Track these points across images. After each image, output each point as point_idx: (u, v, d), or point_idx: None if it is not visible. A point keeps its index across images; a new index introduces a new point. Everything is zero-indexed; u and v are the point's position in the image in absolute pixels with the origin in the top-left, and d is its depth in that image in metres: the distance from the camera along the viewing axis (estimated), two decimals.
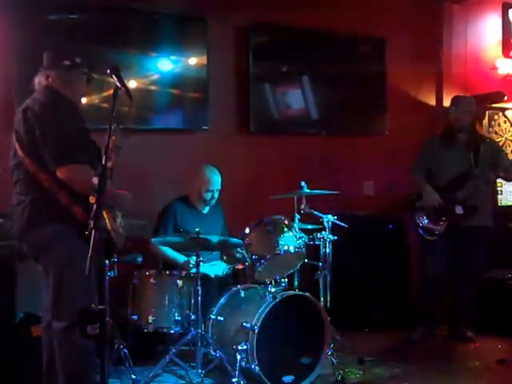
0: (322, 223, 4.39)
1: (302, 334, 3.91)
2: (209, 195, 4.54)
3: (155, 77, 4.94)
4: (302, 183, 4.35)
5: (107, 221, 3.14)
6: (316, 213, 4.39)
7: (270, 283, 4.17)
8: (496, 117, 6.09)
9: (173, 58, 5.01)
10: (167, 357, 3.79)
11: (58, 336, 3.11)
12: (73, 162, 3.02)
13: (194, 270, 3.97)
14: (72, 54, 3.30)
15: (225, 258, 4.62)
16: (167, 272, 4.13)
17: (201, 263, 3.95)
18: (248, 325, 3.75)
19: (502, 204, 5.92)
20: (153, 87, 4.93)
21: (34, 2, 4.50)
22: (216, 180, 4.54)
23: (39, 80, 3.29)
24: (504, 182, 5.69)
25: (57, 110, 3.11)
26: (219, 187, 4.57)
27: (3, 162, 3.34)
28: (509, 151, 6.14)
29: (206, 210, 4.66)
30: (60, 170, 3.03)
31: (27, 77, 4.38)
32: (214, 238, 4.04)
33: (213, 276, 4.37)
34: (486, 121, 5.91)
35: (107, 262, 3.66)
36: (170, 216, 4.49)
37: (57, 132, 3.05)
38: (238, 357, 3.71)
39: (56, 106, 3.13)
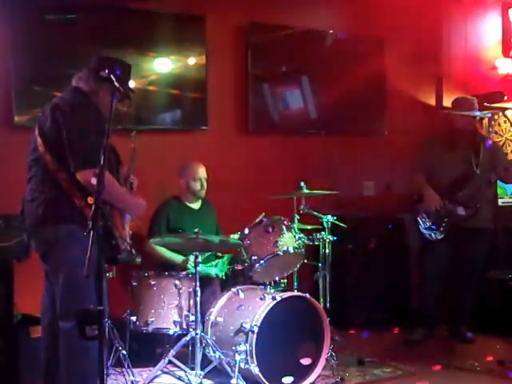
0: (321, 223, 4.38)
1: (302, 334, 3.90)
2: (197, 185, 4.55)
3: (154, 77, 4.93)
4: (302, 183, 4.34)
5: (116, 227, 3.14)
6: (315, 213, 4.38)
7: (270, 284, 4.16)
8: (496, 117, 6.08)
9: (172, 58, 5.00)
10: (166, 358, 3.78)
11: (65, 336, 3.10)
12: (93, 167, 2.99)
13: (192, 270, 3.96)
14: (115, 67, 3.15)
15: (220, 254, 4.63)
16: (166, 273, 4.11)
17: (200, 263, 3.94)
18: (247, 326, 3.74)
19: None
20: (151, 87, 4.92)
21: (32, 1, 4.49)
22: (200, 169, 4.56)
23: (74, 78, 3.29)
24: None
25: (84, 113, 3.13)
26: (205, 175, 4.57)
27: (1, 161, 3.33)
28: (509, 151, 6.13)
29: (198, 206, 4.66)
30: (81, 173, 3.03)
31: (26, 76, 4.45)
32: (214, 239, 4.03)
33: (214, 275, 4.36)
34: (485, 121, 5.90)
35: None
36: (162, 216, 4.50)
37: (82, 135, 3.06)
38: (238, 358, 3.70)
39: (84, 109, 3.15)
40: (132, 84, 4.74)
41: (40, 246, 3.21)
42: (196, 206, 4.67)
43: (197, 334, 3.79)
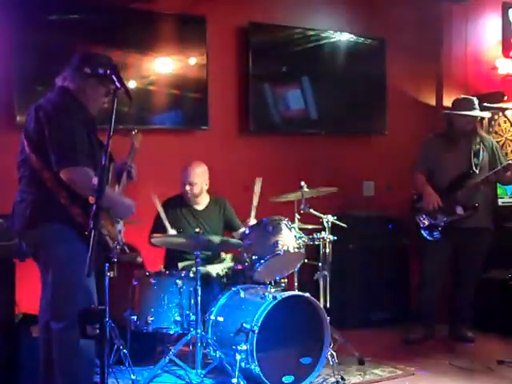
0: (321, 223, 4.39)
1: (302, 334, 3.90)
2: (187, 188, 4.53)
3: (155, 77, 4.94)
4: (302, 183, 4.34)
5: (104, 225, 3.14)
6: (316, 213, 4.39)
7: (270, 283, 4.17)
8: (496, 117, 6.08)
9: (172, 58, 5.00)
10: (167, 357, 3.79)
11: (57, 336, 3.10)
12: (75, 165, 3.01)
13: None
14: (99, 63, 3.18)
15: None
16: (167, 272, 4.13)
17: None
18: (248, 325, 3.74)
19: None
20: (152, 87, 4.93)
21: (34, 1, 4.50)
22: (189, 172, 4.50)
23: (58, 79, 3.29)
24: None
25: (67, 112, 3.12)
26: (193, 179, 4.50)
27: (2, 160, 3.33)
28: (509, 151, 6.13)
29: (202, 207, 4.65)
30: (62, 171, 3.03)
31: (28, 76, 4.46)
32: (215, 239, 4.03)
33: (214, 274, 4.37)
34: (485, 121, 5.90)
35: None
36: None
37: (64, 134, 3.05)
38: (238, 357, 3.71)
39: (67, 108, 3.13)
40: (133, 84, 4.77)
41: (30, 247, 3.23)
42: (200, 206, 4.66)
43: (197, 333, 3.80)
